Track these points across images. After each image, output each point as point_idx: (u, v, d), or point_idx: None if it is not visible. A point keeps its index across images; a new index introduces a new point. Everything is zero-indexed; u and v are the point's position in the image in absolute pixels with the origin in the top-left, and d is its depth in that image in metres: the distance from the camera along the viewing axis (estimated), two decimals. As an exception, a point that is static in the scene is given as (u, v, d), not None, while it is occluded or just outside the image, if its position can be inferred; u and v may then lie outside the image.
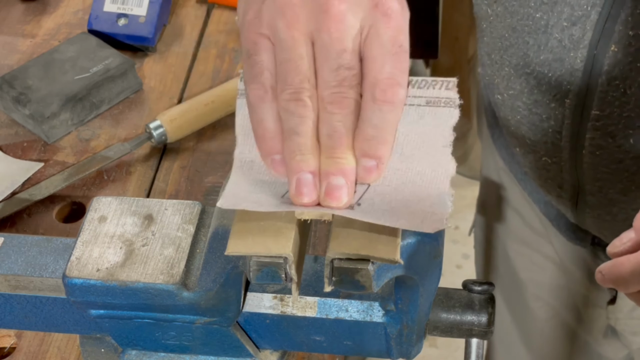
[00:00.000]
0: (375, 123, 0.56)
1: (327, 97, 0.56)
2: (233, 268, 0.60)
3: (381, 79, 0.56)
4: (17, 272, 0.65)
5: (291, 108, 0.56)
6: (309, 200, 0.56)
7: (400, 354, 0.66)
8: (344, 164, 0.56)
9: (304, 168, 0.56)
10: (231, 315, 0.64)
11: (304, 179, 0.56)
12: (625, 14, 0.75)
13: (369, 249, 0.56)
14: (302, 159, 0.56)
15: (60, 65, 1.08)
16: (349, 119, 0.56)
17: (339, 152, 0.56)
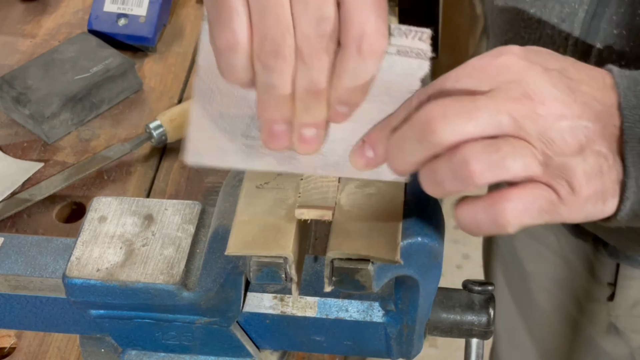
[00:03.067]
0: (356, 74, 0.55)
1: (306, 50, 0.54)
2: (233, 268, 0.60)
3: (368, 31, 0.54)
4: (17, 272, 0.65)
5: (270, 62, 0.54)
6: (280, 146, 0.56)
7: (400, 354, 0.66)
8: (318, 115, 0.56)
9: (278, 119, 0.55)
10: (231, 315, 0.64)
11: (279, 129, 0.56)
12: (610, 13, 0.76)
13: (369, 249, 0.56)
14: (277, 111, 0.55)
15: (60, 65, 1.08)
16: (327, 70, 0.55)
17: (314, 102, 0.55)
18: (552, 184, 0.53)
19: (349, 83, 0.55)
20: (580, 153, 0.52)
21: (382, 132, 0.56)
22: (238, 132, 0.58)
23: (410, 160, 0.54)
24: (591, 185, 0.53)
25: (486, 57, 0.54)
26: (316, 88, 0.55)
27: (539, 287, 1.13)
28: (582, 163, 0.52)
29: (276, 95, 0.55)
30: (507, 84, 0.52)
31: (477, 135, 0.52)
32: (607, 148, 0.53)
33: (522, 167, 0.52)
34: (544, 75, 0.53)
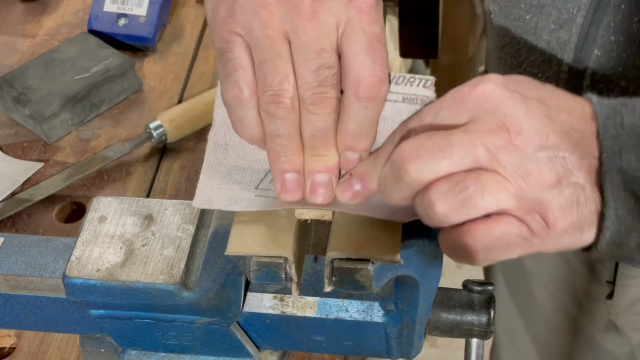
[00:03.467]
0: (359, 120, 0.56)
1: (308, 98, 0.56)
2: (233, 268, 0.60)
3: (364, 77, 0.56)
4: (17, 272, 0.65)
5: (272, 110, 0.56)
6: (294, 199, 0.57)
7: (400, 354, 0.66)
8: (328, 160, 0.57)
9: (288, 168, 0.57)
10: (231, 315, 0.64)
11: (290, 179, 0.57)
12: (607, 19, 0.76)
13: (369, 249, 0.56)
14: (286, 160, 0.57)
15: (60, 65, 1.08)
16: (331, 117, 0.56)
17: (323, 150, 0.57)
18: (524, 219, 0.52)
19: (352, 130, 0.56)
20: (557, 185, 0.52)
21: (368, 165, 0.57)
22: (251, 184, 0.59)
23: (396, 197, 0.54)
24: (567, 218, 0.52)
25: (465, 87, 0.54)
26: (321, 135, 0.56)
27: (538, 286, 1.13)
28: (558, 196, 0.52)
29: (283, 144, 0.56)
30: (485, 114, 0.52)
31: (452, 171, 0.52)
32: (584, 179, 0.53)
33: (492, 202, 0.52)
34: (522, 104, 0.53)
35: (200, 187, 0.59)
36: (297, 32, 0.56)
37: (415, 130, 0.54)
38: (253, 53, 0.57)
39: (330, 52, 0.56)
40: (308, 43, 0.56)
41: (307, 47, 0.56)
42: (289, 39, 0.56)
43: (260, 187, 0.59)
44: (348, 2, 0.56)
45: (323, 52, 0.56)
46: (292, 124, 0.56)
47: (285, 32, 0.56)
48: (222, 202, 0.58)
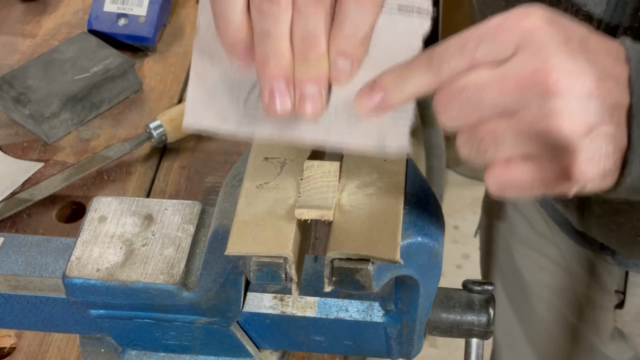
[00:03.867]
0: (355, 22, 0.54)
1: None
2: (233, 268, 0.60)
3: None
4: (17, 272, 0.65)
5: (265, 8, 0.53)
6: (283, 110, 0.54)
7: (400, 354, 0.66)
8: (319, 69, 0.54)
9: (277, 73, 0.54)
10: (231, 315, 0.64)
11: (277, 86, 0.54)
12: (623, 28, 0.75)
13: (369, 249, 0.56)
14: (276, 63, 0.54)
15: (60, 65, 1.08)
16: (324, 21, 0.54)
17: (314, 56, 0.54)
18: (546, 166, 0.52)
19: (348, 32, 0.54)
20: (587, 134, 0.51)
21: (395, 78, 0.54)
22: (239, 98, 0.57)
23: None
24: (593, 170, 0.52)
25: (511, 19, 0.52)
26: (313, 38, 0.53)
27: (537, 297, 1.13)
28: (587, 147, 0.51)
29: (273, 46, 0.53)
30: (528, 51, 0.51)
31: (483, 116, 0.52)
32: (615, 128, 0.52)
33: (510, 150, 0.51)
34: (565, 46, 0.52)
35: (188, 100, 0.57)
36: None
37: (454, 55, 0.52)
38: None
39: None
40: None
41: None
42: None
43: (248, 100, 0.57)
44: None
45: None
46: (285, 24, 0.53)
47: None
48: (212, 119, 0.56)
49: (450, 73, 0.52)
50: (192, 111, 0.57)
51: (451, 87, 0.52)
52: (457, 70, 0.52)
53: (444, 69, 0.52)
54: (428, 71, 0.53)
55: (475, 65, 0.52)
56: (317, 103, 0.55)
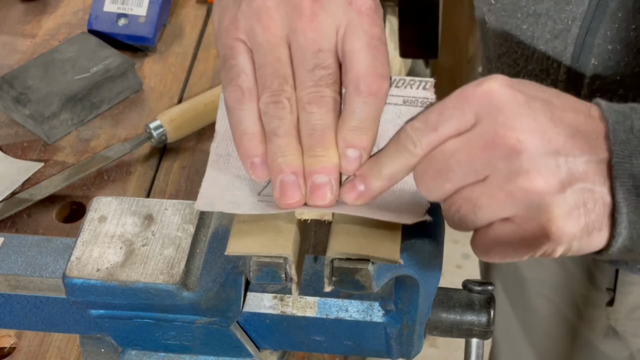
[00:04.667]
0: (359, 115, 0.56)
1: (304, 97, 0.56)
2: (233, 268, 0.60)
3: (365, 73, 0.56)
4: (17, 272, 0.65)
5: (271, 111, 0.56)
6: (293, 202, 0.56)
7: (400, 354, 0.66)
8: (326, 161, 0.56)
9: (285, 169, 0.56)
10: (231, 315, 0.64)
11: (287, 180, 0.56)
12: (604, 29, 0.75)
13: (369, 249, 0.56)
14: (283, 160, 0.56)
15: (60, 65, 1.08)
16: (329, 117, 0.56)
17: (320, 150, 0.56)
18: (524, 227, 0.52)
19: (355, 125, 0.56)
20: (561, 192, 0.51)
21: (371, 165, 0.57)
22: (254, 191, 0.59)
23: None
24: (572, 225, 0.52)
25: (470, 87, 0.54)
26: (318, 133, 0.56)
27: (536, 293, 1.13)
28: (562, 203, 0.51)
29: (281, 144, 0.56)
30: (488, 115, 0.52)
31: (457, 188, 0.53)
32: (592, 182, 0.52)
33: (489, 215, 0.52)
34: (525, 105, 0.52)
35: (202, 192, 0.59)
36: (297, 33, 0.57)
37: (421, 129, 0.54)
38: (255, 58, 0.58)
39: (327, 53, 0.57)
40: (306, 44, 0.57)
41: (305, 48, 0.57)
42: (289, 42, 0.57)
43: (262, 193, 0.59)
44: (348, 5, 0.57)
45: (320, 53, 0.56)
46: (290, 124, 0.56)
47: (286, 35, 0.57)
48: (224, 205, 0.58)
49: (420, 150, 0.54)
50: (205, 199, 0.59)
51: (423, 161, 0.54)
52: (428, 147, 0.54)
53: (414, 148, 0.54)
54: (399, 152, 0.55)
55: (442, 139, 0.53)
56: (329, 192, 0.57)
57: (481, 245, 0.54)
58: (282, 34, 0.57)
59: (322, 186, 0.56)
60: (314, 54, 0.56)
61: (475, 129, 0.53)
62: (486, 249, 0.54)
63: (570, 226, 0.52)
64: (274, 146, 0.57)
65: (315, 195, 0.56)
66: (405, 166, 0.55)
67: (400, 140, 0.55)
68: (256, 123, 0.57)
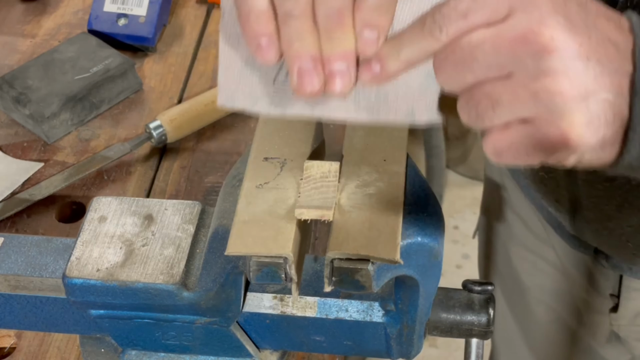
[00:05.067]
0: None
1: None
2: (233, 268, 0.60)
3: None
4: (17, 272, 0.65)
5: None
6: (312, 90, 0.53)
7: (400, 354, 0.66)
8: (345, 45, 0.54)
9: (303, 54, 0.53)
10: (231, 315, 0.64)
11: (305, 67, 0.53)
12: None
13: (369, 249, 0.56)
14: (300, 45, 0.53)
15: (60, 65, 1.08)
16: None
17: (339, 32, 0.53)
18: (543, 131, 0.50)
19: (371, 2, 0.53)
20: (584, 99, 0.50)
21: (390, 46, 0.54)
22: (268, 77, 0.57)
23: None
24: (591, 136, 0.50)
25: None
26: (336, 14, 0.53)
27: (535, 300, 1.13)
28: (584, 111, 0.50)
29: (297, 27, 0.53)
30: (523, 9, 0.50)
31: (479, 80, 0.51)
32: (614, 95, 0.50)
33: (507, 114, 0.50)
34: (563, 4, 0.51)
35: (220, 83, 0.57)
36: None
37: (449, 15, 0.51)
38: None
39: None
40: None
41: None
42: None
43: (277, 79, 0.57)
44: None
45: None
46: (307, 4, 0.53)
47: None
48: (244, 99, 0.56)
49: (445, 36, 0.52)
50: (224, 92, 0.56)
51: (447, 47, 0.52)
52: (452, 34, 0.51)
53: (440, 34, 0.52)
54: (423, 36, 0.52)
55: (470, 28, 0.51)
56: (345, 79, 0.54)
57: (495, 145, 0.52)
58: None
59: (341, 73, 0.54)
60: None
61: (508, 21, 0.50)
62: (499, 150, 0.52)
63: (589, 135, 0.50)
64: (290, 29, 0.53)
65: (334, 83, 0.54)
66: (426, 51, 0.53)
67: (425, 24, 0.52)
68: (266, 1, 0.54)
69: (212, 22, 1.24)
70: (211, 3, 1.26)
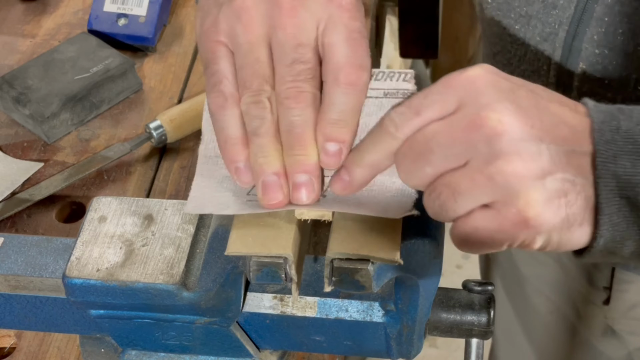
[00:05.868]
0: (339, 107, 0.56)
1: (283, 93, 0.56)
2: (233, 268, 0.60)
3: (344, 63, 0.56)
4: (17, 272, 0.65)
5: (252, 111, 0.56)
6: (276, 202, 0.56)
7: (400, 354, 0.66)
8: (305, 160, 0.56)
9: (266, 170, 0.56)
10: (231, 315, 0.64)
11: (268, 180, 0.56)
12: (590, 33, 0.76)
13: (369, 249, 0.56)
14: (264, 161, 0.56)
15: (60, 65, 1.08)
16: (307, 112, 0.56)
17: (299, 148, 0.56)
18: (502, 212, 0.51)
19: (334, 117, 0.56)
20: (540, 178, 0.50)
21: (356, 154, 0.56)
22: (242, 192, 0.59)
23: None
24: (552, 214, 0.51)
25: (455, 72, 0.54)
26: (297, 130, 0.55)
27: (535, 291, 1.13)
28: (541, 189, 0.50)
29: (261, 144, 0.56)
30: (470, 99, 0.52)
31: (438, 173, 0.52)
32: (573, 174, 0.51)
33: (469, 202, 0.52)
34: (509, 91, 0.52)
35: (192, 196, 0.59)
36: (276, 29, 0.57)
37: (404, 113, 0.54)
38: (235, 59, 0.58)
39: (307, 47, 0.56)
40: (285, 39, 0.56)
41: (284, 43, 0.56)
42: (270, 40, 0.57)
43: (251, 192, 0.59)
44: (328, 1, 0.57)
45: (299, 47, 0.56)
46: (271, 124, 0.56)
47: (266, 33, 0.57)
48: (214, 207, 0.59)
49: (402, 134, 0.53)
50: (194, 203, 0.59)
51: (404, 144, 0.53)
52: (410, 130, 0.53)
53: (396, 131, 0.54)
54: (381, 137, 0.54)
55: (424, 123, 0.53)
56: (310, 191, 0.56)
57: (460, 234, 0.53)
58: (262, 32, 0.57)
59: (303, 185, 0.56)
60: (294, 48, 0.56)
61: (458, 112, 0.52)
62: (464, 238, 0.53)
63: (550, 214, 0.51)
64: (254, 146, 0.56)
65: (297, 194, 0.56)
66: (387, 151, 0.54)
67: (382, 125, 0.55)
68: (239, 127, 0.57)
69: (212, 22, 1.24)
70: (211, 3, 1.26)
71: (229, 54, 0.58)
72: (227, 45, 0.58)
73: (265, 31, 0.57)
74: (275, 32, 0.57)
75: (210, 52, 0.58)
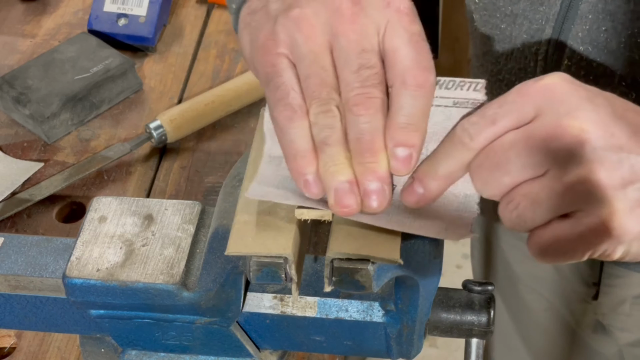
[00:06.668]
0: (408, 111, 0.55)
1: (351, 99, 0.55)
2: (233, 268, 0.60)
3: (410, 65, 0.55)
4: (17, 272, 0.65)
5: (321, 120, 0.55)
6: (349, 209, 0.55)
7: (400, 354, 0.66)
8: (376, 167, 0.54)
9: (339, 178, 0.54)
10: (231, 315, 0.64)
11: (341, 188, 0.54)
12: (575, 30, 0.76)
13: (369, 249, 0.56)
14: (336, 169, 0.54)
15: (60, 65, 1.08)
16: (376, 118, 0.54)
17: (369, 155, 0.54)
18: (584, 222, 0.50)
19: (403, 122, 0.54)
20: (621, 188, 0.49)
21: (428, 165, 0.55)
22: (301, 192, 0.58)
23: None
24: (634, 225, 0.50)
25: (530, 81, 0.53)
26: (366, 137, 0.54)
27: (528, 289, 1.14)
28: (623, 199, 0.49)
29: (331, 153, 0.55)
30: (549, 107, 0.51)
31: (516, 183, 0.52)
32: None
33: (547, 213, 0.51)
34: (587, 100, 0.51)
35: (254, 187, 0.58)
36: (339, 37, 0.56)
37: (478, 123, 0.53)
38: (298, 69, 0.56)
39: (371, 52, 0.56)
40: (349, 46, 0.55)
41: (348, 50, 0.55)
42: (331, 48, 0.56)
43: None
44: (386, 6, 0.56)
45: (363, 53, 0.55)
46: (341, 132, 0.55)
47: (328, 41, 0.56)
48: (275, 198, 0.57)
49: (477, 144, 0.53)
50: (255, 190, 0.58)
51: (480, 154, 0.53)
52: (485, 140, 0.53)
53: (471, 141, 0.53)
54: (455, 148, 0.54)
55: (500, 133, 0.52)
56: (381, 198, 0.55)
57: (539, 244, 0.52)
58: (324, 39, 0.56)
59: (374, 192, 0.54)
60: (358, 54, 0.55)
61: (536, 121, 0.51)
62: (545, 248, 0.52)
63: (632, 224, 0.50)
64: (325, 156, 0.55)
65: (369, 201, 0.55)
66: (461, 162, 0.54)
67: (455, 135, 0.54)
68: (308, 140, 0.56)
69: (212, 22, 1.24)
70: (211, 3, 1.26)
71: (291, 65, 0.57)
72: (288, 56, 0.57)
73: (327, 39, 0.56)
74: (337, 40, 0.56)
75: (271, 65, 0.57)
